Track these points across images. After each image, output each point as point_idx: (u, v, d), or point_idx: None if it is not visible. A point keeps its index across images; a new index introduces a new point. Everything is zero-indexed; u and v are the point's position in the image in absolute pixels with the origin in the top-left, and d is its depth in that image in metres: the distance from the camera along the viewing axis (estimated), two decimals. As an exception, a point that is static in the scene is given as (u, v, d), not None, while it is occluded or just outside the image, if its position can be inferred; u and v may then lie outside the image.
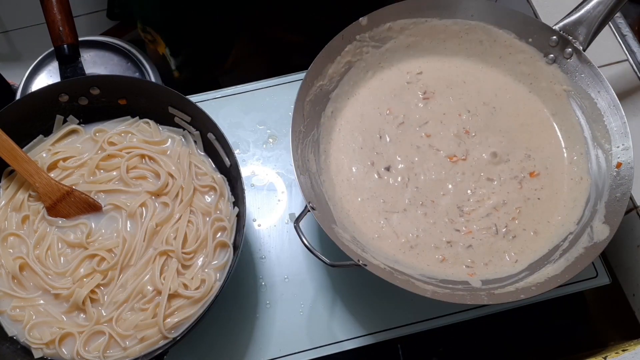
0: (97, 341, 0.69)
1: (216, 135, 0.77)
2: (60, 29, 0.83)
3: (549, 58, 0.81)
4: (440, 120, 0.82)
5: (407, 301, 0.78)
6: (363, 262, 0.67)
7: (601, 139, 0.76)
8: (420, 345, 0.85)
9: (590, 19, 0.76)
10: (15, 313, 0.70)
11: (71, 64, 0.84)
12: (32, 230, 0.74)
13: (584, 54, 0.77)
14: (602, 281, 0.80)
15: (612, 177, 0.73)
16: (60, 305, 0.71)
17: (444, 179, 0.79)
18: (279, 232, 0.83)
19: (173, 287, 0.70)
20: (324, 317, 0.78)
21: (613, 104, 0.75)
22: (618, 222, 0.69)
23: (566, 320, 0.88)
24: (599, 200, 0.73)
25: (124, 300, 0.71)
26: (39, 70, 1.00)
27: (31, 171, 0.74)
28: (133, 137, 0.79)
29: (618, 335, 0.88)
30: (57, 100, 0.78)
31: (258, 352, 0.76)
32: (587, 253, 0.70)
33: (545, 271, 0.71)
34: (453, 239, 0.75)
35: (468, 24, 0.83)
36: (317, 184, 0.76)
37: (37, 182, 0.74)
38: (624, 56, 0.91)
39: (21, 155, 0.74)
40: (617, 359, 0.70)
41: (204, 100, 0.92)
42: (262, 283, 0.80)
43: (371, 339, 0.77)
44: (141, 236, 0.73)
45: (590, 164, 0.78)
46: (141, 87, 0.79)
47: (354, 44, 0.82)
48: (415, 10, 0.82)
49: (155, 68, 1.01)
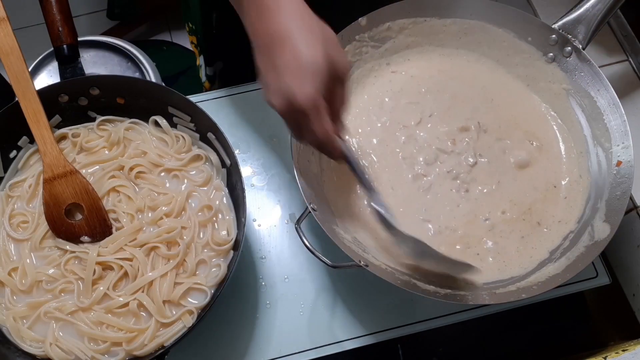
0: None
1: (216, 135, 0.77)
2: (59, 29, 0.83)
3: (549, 57, 0.81)
4: (440, 120, 0.82)
5: (408, 301, 0.78)
6: (364, 263, 0.67)
7: (601, 138, 0.76)
8: (420, 345, 0.84)
9: (590, 17, 0.76)
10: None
11: (71, 64, 0.84)
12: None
13: (583, 52, 0.77)
14: (602, 281, 0.80)
15: (612, 176, 0.73)
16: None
17: (442, 176, 0.79)
18: (279, 232, 0.83)
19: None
20: (324, 317, 0.78)
21: (613, 103, 0.75)
22: (619, 220, 0.69)
23: (566, 320, 0.88)
24: (600, 198, 0.73)
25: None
26: (38, 71, 1.00)
27: (46, 139, 0.75)
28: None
29: (618, 335, 0.88)
30: (57, 100, 0.78)
31: (258, 352, 0.76)
32: (588, 252, 0.70)
33: (546, 270, 0.71)
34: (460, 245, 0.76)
35: (467, 24, 0.83)
36: (318, 184, 0.76)
37: (47, 151, 0.74)
38: (624, 56, 0.91)
39: (44, 121, 0.75)
40: (617, 359, 0.70)
41: (204, 100, 0.91)
42: (263, 283, 0.80)
43: (371, 339, 0.77)
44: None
45: (590, 162, 0.78)
46: (141, 87, 0.79)
47: (353, 44, 0.82)
48: (415, 10, 0.82)
49: (155, 68, 1.01)
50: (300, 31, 0.60)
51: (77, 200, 0.74)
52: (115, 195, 0.77)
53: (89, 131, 0.80)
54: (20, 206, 0.77)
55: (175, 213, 0.75)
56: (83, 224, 0.73)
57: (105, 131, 0.80)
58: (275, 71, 0.60)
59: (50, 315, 0.70)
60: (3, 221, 0.75)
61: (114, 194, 0.77)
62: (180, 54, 1.79)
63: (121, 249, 0.73)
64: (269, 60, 0.61)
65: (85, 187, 0.75)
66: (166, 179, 0.78)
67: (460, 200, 0.77)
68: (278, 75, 0.60)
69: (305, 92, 0.58)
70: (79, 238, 0.73)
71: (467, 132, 0.82)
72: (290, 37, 0.60)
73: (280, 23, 0.60)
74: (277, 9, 0.61)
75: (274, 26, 0.61)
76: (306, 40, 0.59)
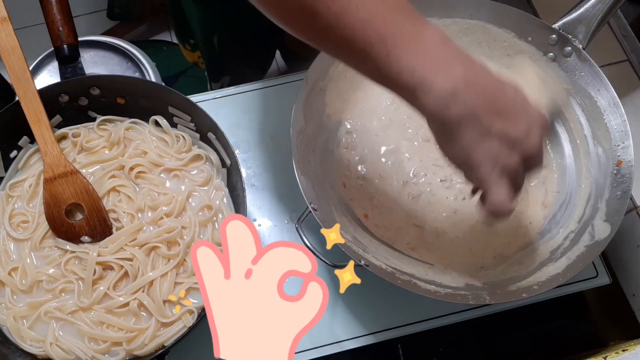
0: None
1: (216, 135, 0.77)
2: (59, 29, 0.83)
3: (549, 57, 0.81)
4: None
5: (408, 301, 0.78)
6: (365, 263, 0.67)
7: (601, 138, 0.76)
8: (420, 345, 0.84)
9: (590, 17, 0.76)
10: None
11: (71, 64, 0.84)
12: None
13: (583, 52, 0.77)
14: (602, 281, 0.80)
15: (612, 176, 0.73)
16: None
17: (447, 180, 0.79)
18: (279, 232, 0.83)
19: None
20: (325, 317, 0.77)
21: (613, 102, 0.75)
22: (619, 220, 0.69)
23: (566, 320, 0.88)
24: (600, 198, 0.73)
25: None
26: (38, 71, 1.00)
27: (47, 139, 0.75)
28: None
29: (618, 335, 0.88)
30: (57, 100, 0.78)
31: (258, 352, 0.76)
32: (588, 251, 0.70)
33: (546, 270, 0.71)
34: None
35: (467, 23, 0.83)
36: (318, 184, 0.76)
37: (48, 151, 0.74)
38: (624, 56, 0.91)
39: (45, 121, 0.75)
40: (617, 359, 0.70)
41: (204, 100, 0.91)
42: (263, 283, 0.80)
43: (372, 339, 0.77)
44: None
45: (590, 162, 0.78)
46: (141, 87, 0.79)
47: (353, 44, 0.82)
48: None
49: (155, 68, 1.00)
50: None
51: (77, 200, 0.74)
52: (115, 195, 0.76)
53: (89, 131, 0.80)
54: (21, 206, 0.77)
55: (175, 213, 0.75)
56: (83, 224, 0.73)
57: (106, 131, 0.80)
58: (500, 115, 0.51)
59: (50, 315, 0.70)
60: (3, 221, 0.75)
61: (114, 193, 0.77)
62: (180, 54, 1.79)
63: (121, 248, 0.73)
64: (491, 106, 0.51)
65: (85, 187, 0.75)
66: (166, 179, 0.78)
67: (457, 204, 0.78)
68: (506, 120, 0.51)
69: (538, 141, 0.53)
70: (79, 238, 0.73)
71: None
72: (511, 84, 0.53)
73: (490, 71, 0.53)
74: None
75: (487, 75, 0.52)
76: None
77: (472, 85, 0.50)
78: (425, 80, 0.49)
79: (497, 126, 0.51)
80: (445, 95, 0.49)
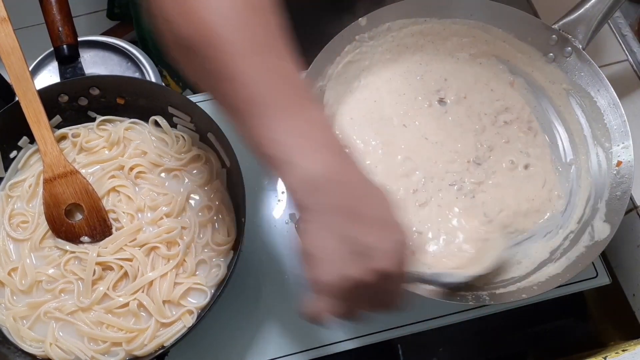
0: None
1: (216, 135, 0.77)
2: (59, 29, 0.83)
3: (549, 57, 0.81)
4: (440, 119, 0.82)
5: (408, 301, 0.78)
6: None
7: (601, 138, 0.76)
8: (420, 345, 0.84)
9: (590, 17, 0.76)
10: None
11: (71, 64, 0.84)
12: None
13: (583, 52, 0.77)
14: (602, 281, 0.80)
15: (612, 176, 0.73)
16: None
17: (448, 179, 0.79)
18: (279, 232, 0.83)
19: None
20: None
21: (613, 103, 0.75)
22: (619, 220, 0.69)
23: (566, 320, 0.88)
24: (600, 198, 0.73)
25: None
26: (38, 71, 1.00)
27: (47, 139, 0.75)
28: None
29: (618, 335, 0.88)
30: (57, 100, 0.78)
31: (258, 352, 0.76)
32: (588, 252, 0.70)
33: (546, 270, 0.71)
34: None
35: (467, 24, 0.83)
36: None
37: (47, 151, 0.74)
38: (624, 56, 0.91)
39: (45, 121, 0.75)
40: (617, 359, 0.70)
41: (204, 100, 0.91)
42: (263, 283, 0.80)
43: (371, 339, 0.77)
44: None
45: (590, 162, 0.78)
46: (141, 87, 0.79)
47: (353, 44, 0.81)
48: (415, 10, 0.82)
49: (155, 68, 1.00)
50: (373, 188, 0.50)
51: (77, 200, 0.74)
52: (115, 195, 0.76)
53: (89, 131, 0.80)
54: (20, 206, 0.77)
55: (175, 213, 0.75)
56: (83, 224, 0.73)
57: (105, 131, 0.80)
58: (356, 220, 0.48)
59: (50, 315, 0.70)
60: (3, 221, 0.75)
61: (114, 194, 0.77)
62: (180, 54, 1.79)
63: (121, 249, 0.73)
64: (348, 207, 0.48)
65: (85, 187, 0.75)
66: (166, 179, 0.78)
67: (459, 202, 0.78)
68: (361, 226, 0.48)
69: (392, 257, 0.48)
70: (78, 238, 0.73)
71: (465, 131, 0.82)
72: (379, 190, 0.50)
73: (356, 167, 0.50)
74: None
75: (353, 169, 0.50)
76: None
77: (336, 180, 0.48)
78: (292, 158, 0.48)
79: (348, 229, 0.48)
80: (307, 181, 0.48)
